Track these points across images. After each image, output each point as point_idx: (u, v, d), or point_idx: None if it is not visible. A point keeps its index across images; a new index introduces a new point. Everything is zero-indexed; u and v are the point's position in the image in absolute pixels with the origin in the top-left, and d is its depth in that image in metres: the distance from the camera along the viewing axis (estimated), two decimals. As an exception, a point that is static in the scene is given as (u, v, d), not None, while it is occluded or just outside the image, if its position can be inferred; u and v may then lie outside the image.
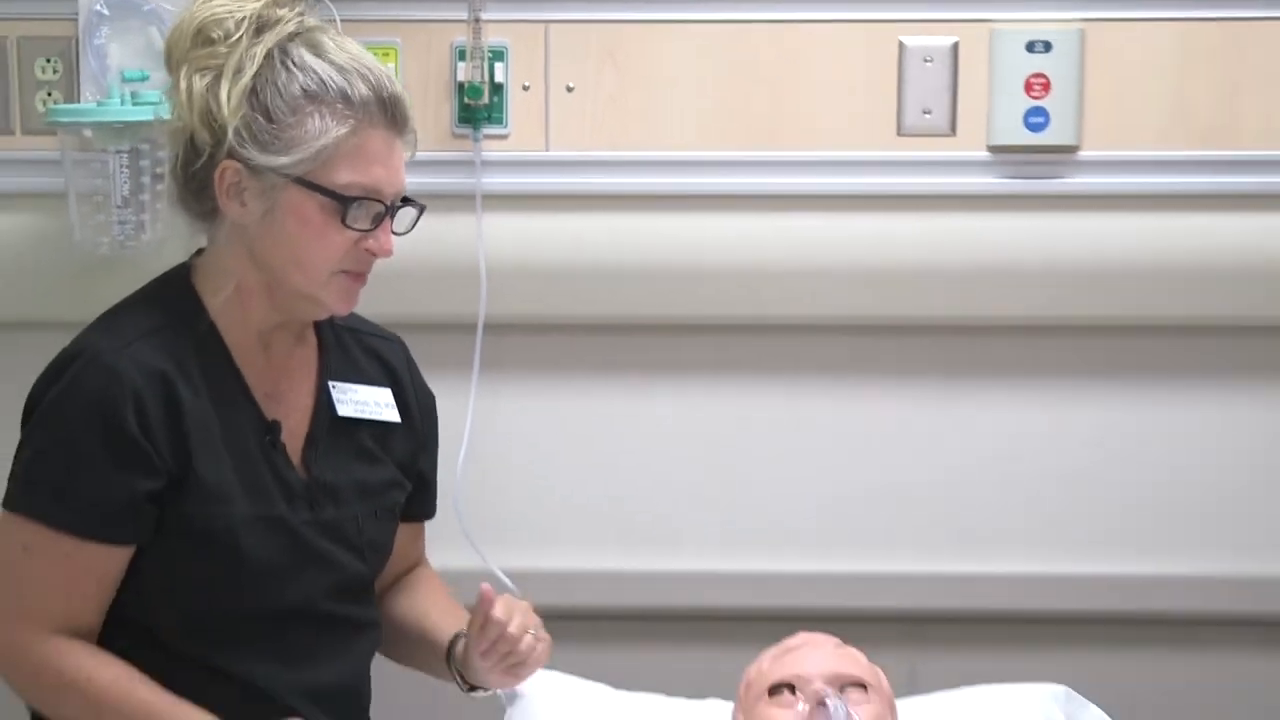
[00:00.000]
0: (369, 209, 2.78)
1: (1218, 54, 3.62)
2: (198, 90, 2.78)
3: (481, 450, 3.66)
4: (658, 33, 3.63)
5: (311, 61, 2.77)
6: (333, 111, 2.75)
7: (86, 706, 2.76)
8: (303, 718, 2.82)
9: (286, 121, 2.74)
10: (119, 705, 2.75)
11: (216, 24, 2.78)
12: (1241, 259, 3.67)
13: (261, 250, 2.81)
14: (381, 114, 2.79)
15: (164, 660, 2.80)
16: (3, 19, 3.55)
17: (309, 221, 2.76)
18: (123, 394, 2.73)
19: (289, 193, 2.75)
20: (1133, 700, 3.39)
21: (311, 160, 2.74)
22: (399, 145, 2.84)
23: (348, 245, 2.78)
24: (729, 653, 3.17)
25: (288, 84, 2.75)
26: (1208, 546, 3.78)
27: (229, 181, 2.77)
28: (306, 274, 2.80)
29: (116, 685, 2.75)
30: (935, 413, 3.79)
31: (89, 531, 2.74)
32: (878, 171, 3.65)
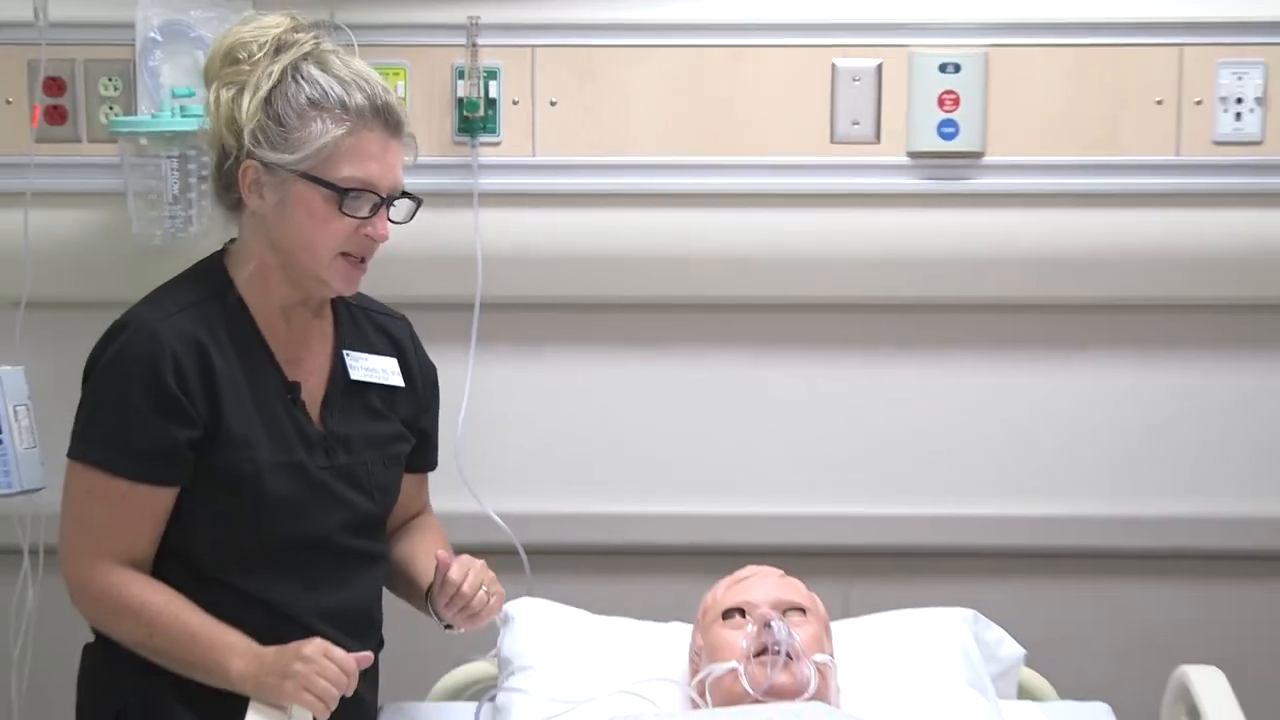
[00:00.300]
0: (366, 200, 2.83)
1: (1101, 75, 3.67)
2: (224, 101, 2.86)
3: (479, 411, 3.72)
4: (627, 56, 3.68)
5: (317, 75, 2.83)
6: (333, 116, 2.80)
7: (140, 626, 2.80)
8: (326, 639, 2.79)
9: (294, 125, 2.80)
10: (168, 626, 2.79)
11: (242, 46, 2.85)
12: (1121, 248, 3.72)
13: (277, 236, 2.86)
14: (376, 119, 2.84)
15: (203, 586, 2.85)
16: (72, 44, 3.58)
17: (314, 210, 2.81)
18: (163, 356, 2.79)
19: (297, 186, 2.81)
20: (1030, 623, 3.45)
21: (314, 157, 2.80)
22: (394, 146, 2.88)
23: (348, 231, 2.83)
24: (689, 583, 3.28)
25: (296, 94, 2.81)
26: (1099, 493, 3.84)
27: (250, 178, 2.84)
28: (313, 256, 2.85)
29: (167, 609, 2.79)
30: (861, 378, 3.85)
31: (139, 475, 2.80)
32: (813, 174, 3.71)
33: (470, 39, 3.65)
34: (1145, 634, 3.84)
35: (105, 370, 2.85)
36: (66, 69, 3.64)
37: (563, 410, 3.89)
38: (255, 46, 2.86)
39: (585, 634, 3.28)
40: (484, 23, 3.65)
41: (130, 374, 2.81)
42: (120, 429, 2.81)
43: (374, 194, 2.86)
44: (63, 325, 3.42)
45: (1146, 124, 3.69)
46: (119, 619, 2.84)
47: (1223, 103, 3.67)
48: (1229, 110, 3.67)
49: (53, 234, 3.62)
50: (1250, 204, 3.71)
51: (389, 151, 2.88)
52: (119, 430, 2.81)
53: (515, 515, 3.72)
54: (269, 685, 2.74)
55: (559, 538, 3.81)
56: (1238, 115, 3.67)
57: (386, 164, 2.87)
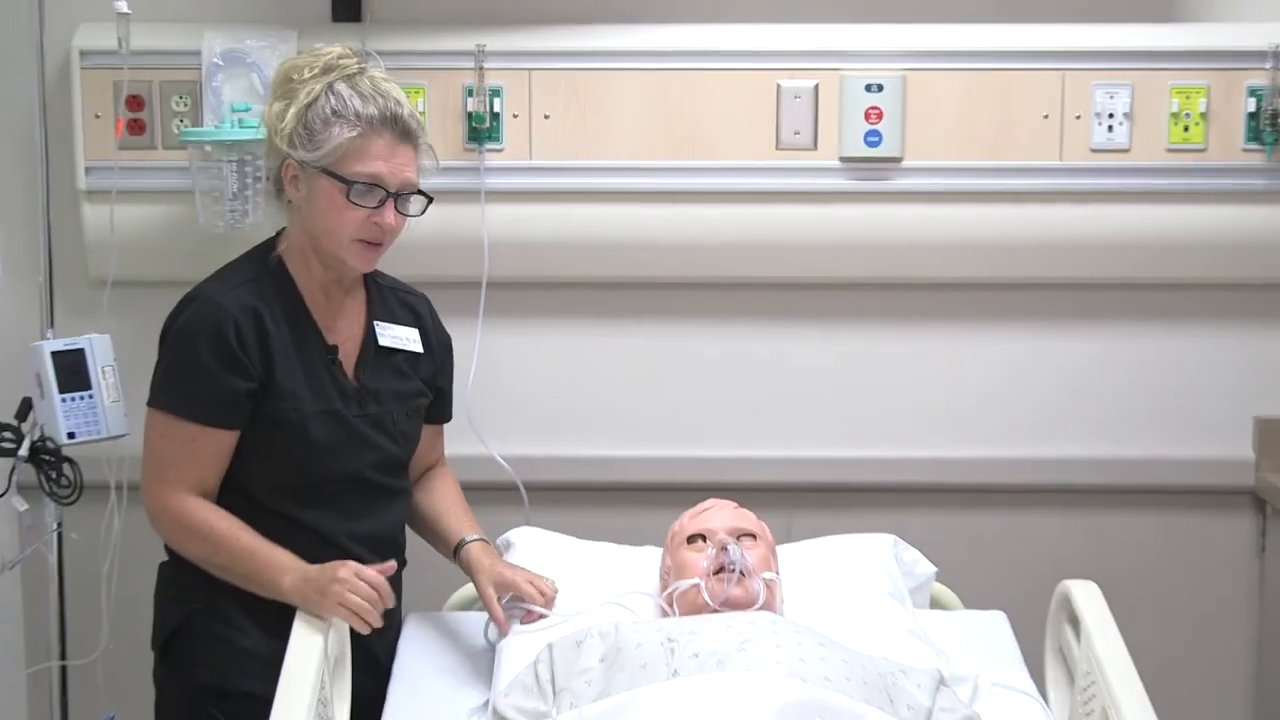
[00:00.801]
0: (373, 193, 2.86)
1: (998, 94, 3.68)
2: (275, 112, 2.91)
3: (486, 372, 3.69)
4: (607, 77, 3.68)
5: (344, 92, 2.87)
6: (348, 123, 2.84)
7: (207, 546, 2.86)
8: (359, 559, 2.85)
9: (318, 130, 2.85)
10: (230, 546, 2.84)
11: (297, 69, 2.92)
12: (1015, 237, 3.74)
13: (308, 222, 2.92)
14: (385, 126, 2.87)
15: (257, 513, 2.90)
16: (149, 68, 3.56)
17: (331, 201, 2.86)
18: (226, 322, 2.85)
19: (319, 180, 2.86)
20: (940, 546, 3.45)
21: (331, 155, 2.84)
22: (403, 150, 2.90)
23: (361, 219, 2.87)
24: (660, 514, 3.25)
25: (324, 106, 2.86)
26: (996, 439, 3.87)
27: (290, 174, 2.90)
28: (333, 240, 2.90)
29: (229, 532, 2.85)
30: (799, 345, 3.86)
31: (206, 420, 2.86)
32: (762, 175, 3.71)
33: (478, 63, 3.66)
34: (1035, 555, 3.86)
35: (178, 334, 2.90)
36: (145, 89, 3.63)
37: (556, 371, 3.89)
38: (307, 70, 2.91)
39: (574, 556, 3.28)
40: (489, 50, 3.66)
41: (199, 336, 2.86)
42: (191, 382, 2.87)
43: (381, 189, 2.88)
44: (141, 300, 3.42)
45: (1035, 134, 3.70)
46: (190, 540, 2.90)
47: (1097, 117, 3.69)
48: (1103, 123, 3.69)
49: (134, 225, 3.62)
50: (1121, 200, 3.72)
51: (397, 155, 2.90)
52: (190, 383, 2.87)
53: (516, 458, 3.72)
54: (311, 599, 2.77)
55: (552, 476, 3.81)
56: (1110, 128, 3.69)
57: (394, 165, 2.89)
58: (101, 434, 3.26)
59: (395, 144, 2.90)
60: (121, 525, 3.31)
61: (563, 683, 2.69)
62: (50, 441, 3.24)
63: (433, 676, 3.01)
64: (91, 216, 3.68)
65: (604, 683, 2.65)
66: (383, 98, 2.90)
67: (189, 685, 2.96)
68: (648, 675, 2.61)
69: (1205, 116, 3.70)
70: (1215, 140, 3.71)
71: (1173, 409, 3.90)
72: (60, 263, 3.54)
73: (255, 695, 2.71)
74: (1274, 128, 3.67)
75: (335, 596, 2.75)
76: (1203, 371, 3.88)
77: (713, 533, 3.02)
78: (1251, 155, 3.71)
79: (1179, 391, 3.89)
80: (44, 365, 3.21)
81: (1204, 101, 3.70)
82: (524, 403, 3.89)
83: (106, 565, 3.31)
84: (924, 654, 2.93)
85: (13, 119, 3.44)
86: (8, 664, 3.72)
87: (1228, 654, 3.96)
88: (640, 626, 2.80)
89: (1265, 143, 3.69)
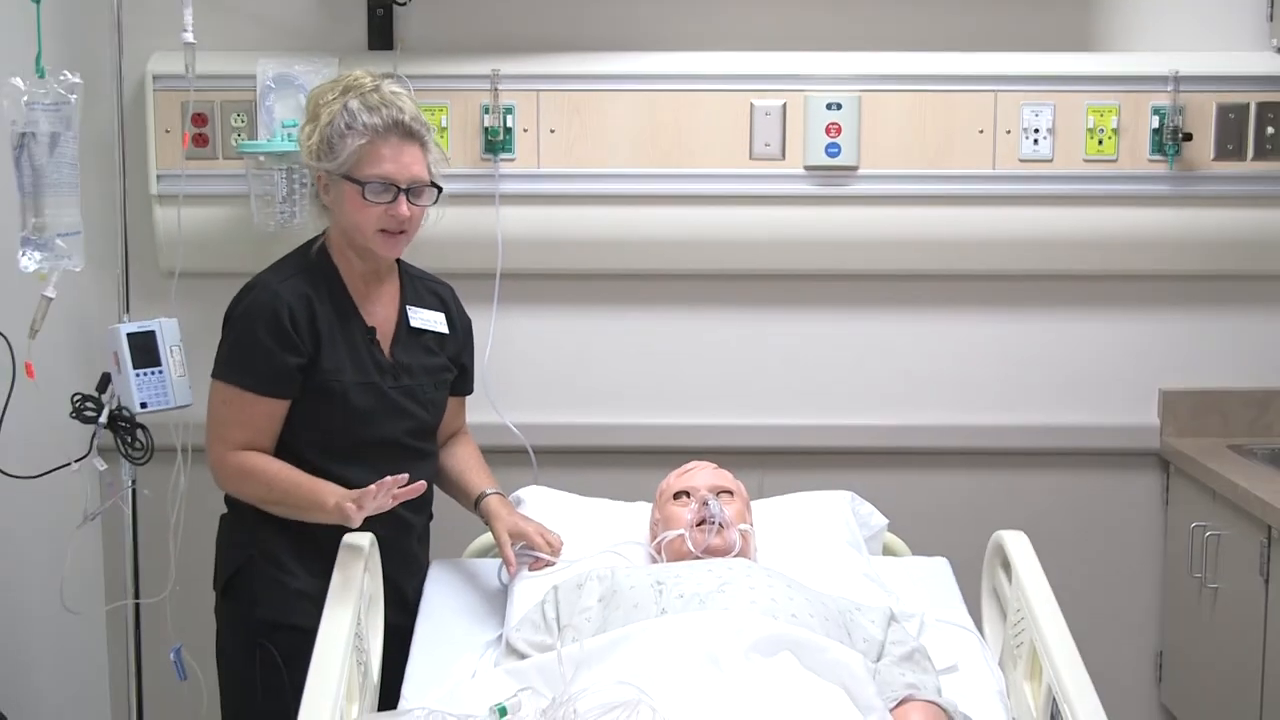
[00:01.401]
0: (385, 190, 2.83)
1: (940, 112, 3.67)
2: (305, 134, 2.92)
3: (501, 351, 3.70)
4: (605, 97, 3.67)
5: (355, 107, 2.83)
6: (357, 133, 2.82)
7: (261, 486, 2.86)
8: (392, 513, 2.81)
9: (335, 143, 2.83)
10: (282, 482, 2.84)
11: (321, 94, 2.92)
12: (955, 235, 3.72)
13: (340, 220, 2.91)
14: (390, 131, 2.84)
15: (305, 470, 2.87)
16: (212, 90, 3.57)
17: (352, 201, 2.85)
18: (281, 305, 2.84)
19: (341, 184, 2.85)
20: (892, 501, 3.43)
21: (347, 162, 2.83)
22: (409, 149, 2.86)
23: (379, 213, 2.84)
24: (650, 473, 3.25)
25: (339, 122, 2.83)
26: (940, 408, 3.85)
27: (322, 184, 2.90)
28: (360, 233, 2.87)
29: (280, 471, 2.85)
30: (769, 327, 3.84)
31: (262, 390, 2.85)
32: (737, 182, 3.70)
33: (493, 85, 3.65)
34: (973, 509, 3.84)
35: (241, 317, 2.89)
36: (208, 107, 3.63)
37: (561, 350, 3.87)
38: (330, 94, 2.90)
39: (576, 510, 3.26)
40: (503, 74, 3.64)
41: (258, 319, 2.85)
42: (250, 358, 2.85)
43: (392, 185, 2.85)
44: (204, 289, 3.40)
45: (972, 147, 3.69)
46: (246, 483, 2.88)
47: (1025, 132, 3.68)
48: (1029, 137, 3.68)
49: (198, 225, 3.59)
50: (1046, 204, 3.72)
51: (403, 155, 2.86)
52: (250, 358, 2.86)
53: (526, 425, 3.70)
54: (349, 513, 2.72)
55: (557, 441, 3.79)
56: (1035, 141, 3.68)
57: (401, 164, 2.86)
58: (170, 404, 3.24)
59: (401, 145, 2.87)
60: (187, 483, 3.28)
61: (566, 619, 2.70)
62: (126, 410, 3.22)
63: (454, 614, 3.00)
64: (162, 217, 3.66)
65: (601, 619, 2.66)
66: (387, 107, 2.86)
67: (247, 620, 2.93)
68: (640, 613, 2.61)
69: (1116, 132, 3.70)
70: (1125, 152, 3.71)
71: (1089, 382, 3.88)
72: (135, 257, 3.51)
73: (304, 628, 2.65)
74: (1174, 142, 3.68)
75: (361, 505, 2.71)
76: (1115, 350, 3.88)
77: (695, 490, 3.02)
78: (1156, 165, 3.72)
79: (1095, 367, 3.88)
80: (121, 345, 3.20)
81: (1115, 119, 3.70)
82: (533, 377, 3.86)
83: (174, 517, 3.29)
84: (877, 594, 2.94)
85: (95, 134, 3.40)
86: (90, 602, 3.73)
87: (1137, 592, 3.96)
88: (633, 571, 2.80)
89: (1167, 154, 3.70)
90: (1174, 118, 3.66)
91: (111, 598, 3.71)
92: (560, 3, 3.75)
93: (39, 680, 3.59)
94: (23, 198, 3.05)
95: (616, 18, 3.76)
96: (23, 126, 3.01)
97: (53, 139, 3.04)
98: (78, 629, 3.64)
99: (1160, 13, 3.77)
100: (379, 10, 3.71)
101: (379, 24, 3.72)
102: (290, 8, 3.75)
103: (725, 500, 2.99)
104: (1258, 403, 3.88)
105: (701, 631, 2.46)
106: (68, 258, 3.09)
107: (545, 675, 2.51)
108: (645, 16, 3.76)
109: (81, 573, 3.63)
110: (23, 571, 3.47)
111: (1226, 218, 3.74)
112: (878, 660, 2.60)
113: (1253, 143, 3.71)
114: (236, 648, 2.96)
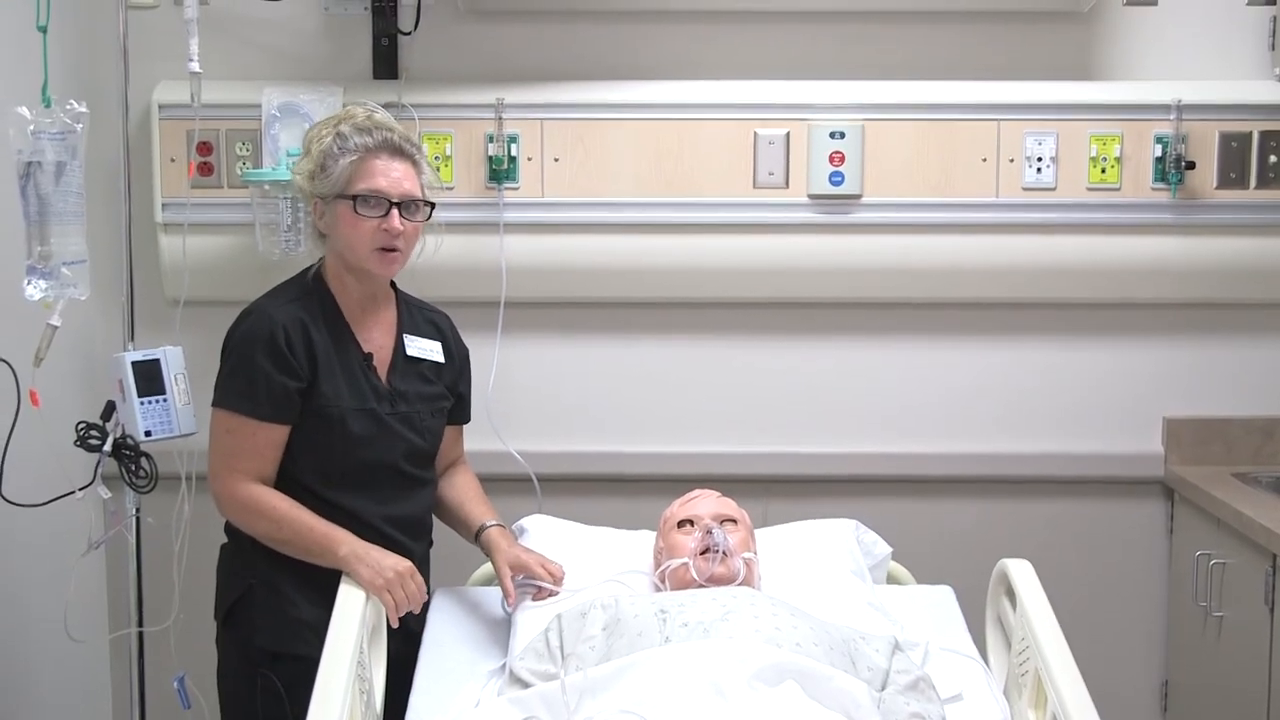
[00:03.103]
0: (377, 204, 2.85)
1: (943, 140, 3.67)
2: (300, 165, 2.94)
3: (504, 379, 3.70)
4: (608, 126, 3.67)
5: (347, 131, 2.88)
6: (348, 152, 2.85)
7: (271, 524, 2.84)
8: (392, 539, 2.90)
9: (328, 165, 2.86)
10: (292, 523, 2.83)
11: (317, 128, 2.96)
12: (958, 264, 3.72)
13: (336, 244, 2.91)
14: (380, 148, 2.87)
15: (305, 498, 2.88)
16: (217, 119, 3.56)
17: (346, 218, 2.86)
18: (278, 331, 2.84)
19: (336, 206, 2.87)
20: (896, 530, 3.42)
21: (339, 182, 2.85)
22: (399, 165, 2.89)
23: (373, 229, 2.85)
24: (653, 502, 3.25)
25: (331, 147, 2.87)
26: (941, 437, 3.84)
27: (318, 211, 2.92)
28: (355, 252, 2.88)
29: (290, 511, 2.84)
30: (774, 355, 3.83)
31: (264, 416, 2.85)
32: (741, 210, 3.69)
33: (498, 114, 3.65)
34: (977, 537, 3.83)
35: (239, 343, 2.89)
36: (213, 136, 3.64)
37: (564, 378, 3.86)
38: (323, 129, 2.92)
39: (580, 539, 3.26)
40: (507, 103, 3.65)
41: (256, 344, 2.86)
42: (251, 384, 2.85)
43: (383, 199, 2.86)
44: (209, 317, 3.38)
45: (975, 175, 3.69)
46: (256, 520, 2.87)
47: (1028, 160, 3.68)
48: (1032, 166, 3.68)
49: (203, 253, 3.60)
50: (1049, 232, 3.72)
51: (393, 170, 2.89)
52: (250, 384, 2.85)
53: (530, 453, 3.71)
54: (363, 573, 2.77)
55: (561, 469, 3.78)
56: (1038, 169, 3.68)
57: (392, 179, 2.88)
58: (174, 432, 3.23)
59: (390, 161, 2.89)
60: (191, 511, 3.27)
61: (570, 648, 2.69)
62: (130, 439, 3.22)
63: (457, 642, 2.99)
64: (167, 245, 3.68)
65: (605, 648, 2.65)
66: (377, 128, 2.91)
67: (248, 649, 2.92)
68: (644, 642, 2.60)
69: (1119, 160, 3.70)
70: (1128, 181, 3.71)
71: (1093, 410, 3.87)
72: (140, 285, 3.51)
73: (305, 658, 2.65)
74: (1177, 170, 3.68)
75: (390, 583, 2.78)
76: (1120, 378, 3.87)
77: (699, 518, 3.01)
78: (1159, 193, 3.72)
79: (1099, 395, 3.87)
80: (125, 373, 3.19)
81: (1118, 147, 3.70)
82: (537, 405, 3.85)
83: (178, 545, 3.28)
84: (881, 623, 2.93)
85: (101, 162, 3.42)
86: (94, 630, 3.72)
87: (1142, 620, 3.94)
88: (637, 600, 2.79)
89: (1170, 183, 3.70)
90: (1177, 146, 3.67)
91: (115, 626, 3.69)
92: (564, 32, 3.76)
93: (42, 709, 3.58)
94: (29, 226, 3.05)
95: (620, 47, 3.77)
96: (29, 155, 3.02)
97: (58, 168, 3.05)
98: (81, 657, 3.62)
99: (1163, 42, 3.78)
100: (384, 40, 3.72)
101: (384, 53, 3.73)
102: (295, 37, 3.76)
103: (729, 529, 2.99)
104: (1262, 431, 3.87)
105: (706, 660, 2.45)
106: (73, 286, 3.08)
107: (549, 704, 2.51)
108: (649, 46, 3.77)
109: (85, 601, 3.62)
110: (26, 600, 3.46)
111: (1230, 246, 3.73)
112: (882, 689, 2.59)
113: (1255, 171, 3.71)
114: (238, 677, 2.95)
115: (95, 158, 3.23)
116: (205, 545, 3.16)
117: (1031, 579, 2.81)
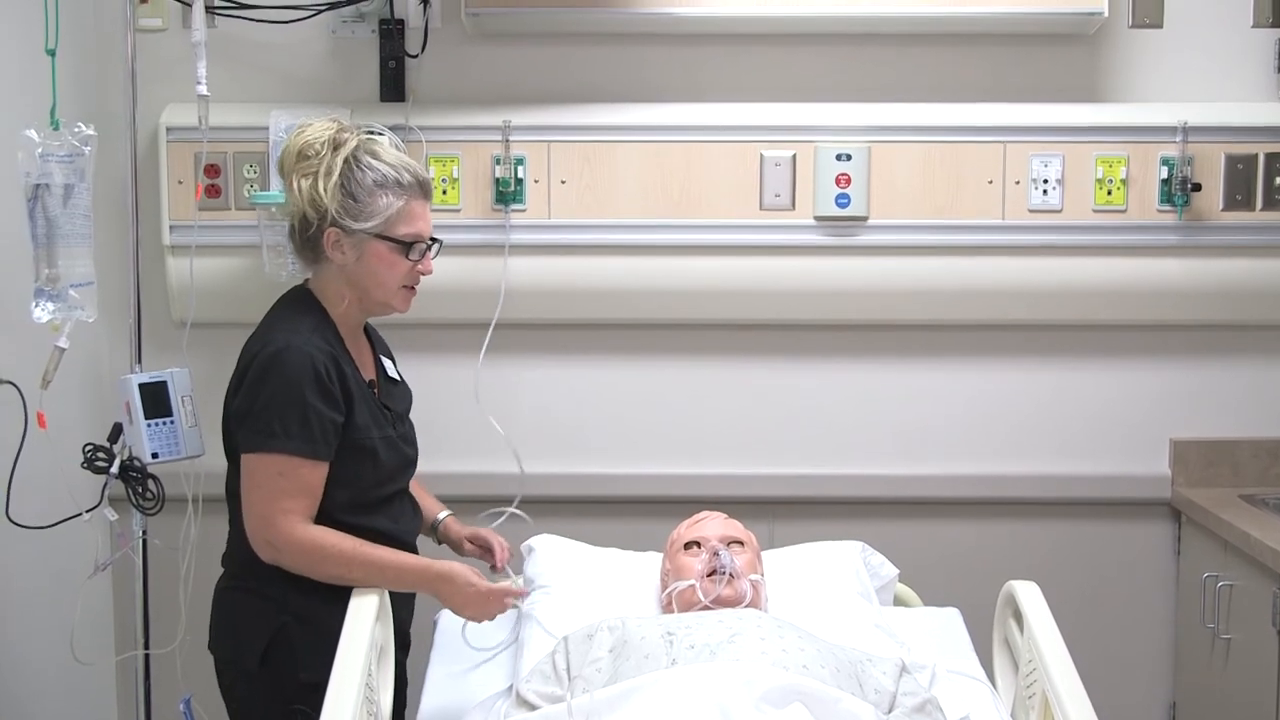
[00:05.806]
0: (419, 247, 2.88)
1: (949, 162, 3.67)
2: (305, 188, 2.84)
3: (511, 400, 3.75)
4: (615, 148, 3.67)
5: (374, 163, 2.84)
6: (393, 191, 2.83)
7: (340, 566, 2.77)
8: None
9: (366, 200, 2.82)
10: (362, 561, 2.77)
11: (309, 146, 2.84)
12: (965, 284, 3.71)
13: (356, 279, 2.87)
14: (418, 191, 2.87)
15: (333, 525, 2.81)
16: (224, 141, 3.58)
17: (384, 259, 2.85)
18: (318, 363, 2.78)
19: (373, 244, 2.84)
20: (903, 552, 3.44)
21: (383, 223, 2.83)
22: (427, 205, 2.90)
23: (408, 269, 2.87)
24: (660, 523, 3.28)
25: (363, 178, 2.83)
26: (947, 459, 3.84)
27: (332, 240, 2.84)
28: (385, 290, 2.88)
29: (356, 548, 2.77)
30: (779, 376, 3.83)
31: (322, 455, 2.79)
32: (748, 232, 3.69)
33: (504, 136, 3.65)
34: (984, 559, 3.82)
35: (281, 385, 2.79)
36: (220, 159, 3.64)
37: (572, 399, 3.86)
38: (319, 145, 2.85)
39: (587, 561, 3.28)
40: (514, 125, 3.65)
41: (301, 381, 2.77)
42: (303, 424, 2.77)
43: (423, 242, 2.89)
44: (216, 339, 3.40)
45: (981, 197, 3.69)
46: (324, 564, 2.79)
47: (1034, 183, 3.68)
48: (1038, 188, 3.68)
49: (210, 275, 3.62)
50: (1056, 254, 3.71)
51: (427, 212, 2.92)
52: (302, 424, 2.76)
53: (537, 474, 3.70)
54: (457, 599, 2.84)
55: (567, 491, 3.80)
56: (1044, 191, 3.68)
57: (426, 221, 2.91)
58: (181, 454, 3.24)
59: (425, 203, 2.91)
60: (198, 532, 3.28)
61: (576, 670, 2.68)
62: (137, 460, 3.21)
63: (463, 665, 3.01)
64: (174, 267, 3.68)
65: (612, 670, 2.64)
66: (407, 169, 2.88)
67: (286, 687, 2.84)
68: (650, 664, 2.60)
69: (1125, 182, 3.70)
70: (1134, 202, 3.71)
71: (1100, 432, 3.87)
72: (147, 307, 3.53)
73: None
74: (1183, 192, 3.68)
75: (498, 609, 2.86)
76: (1126, 400, 3.87)
77: (706, 540, 3.02)
78: (1165, 215, 3.71)
79: (1106, 417, 3.87)
80: (132, 395, 3.20)
81: (1124, 169, 3.70)
82: (545, 426, 3.84)
83: (184, 567, 3.30)
84: (888, 645, 2.94)
85: (109, 185, 3.44)
86: (100, 652, 3.74)
87: (1149, 642, 3.93)
88: (643, 621, 2.78)
89: (1176, 205, 3.70)
90: (1183, 168, 3.67)
91: (121, 648, 3.70)
92: (571, 55, 3.77)
93: (48, 731, 3.59)
94: (36, 249, 3.05)
95: (627, 69, 3.77)
96: (37, 178, 3.02)
97: (66, 190, 3.05)
98: (87, 680, 3.63)
99: (1168, 64, 3.78)
100: (391, 62, 3.73)
101: (391, 76, 3.73)
102: (303, 60, 3.76)
103: (736, 550, 3.00)
104: (1269, 452, 3.87)
105: (712, 682, 2.45)
106: (81, 308, 3.09)
107: (556, 727, 2.50)
108: (655, 68, 3.77)
109: (91, 623, 3.63)
110: (33, 621, 3.45)
111: (1236, 268, 3.74)
112: (889, 712, 2.58)
113: (1261, 193, 3.70)
114: (268, 716, 2.88)
115: (103, 180, 3.25)
116: (212, 567, 3.11)
117: (1039, 601, 2.80)
